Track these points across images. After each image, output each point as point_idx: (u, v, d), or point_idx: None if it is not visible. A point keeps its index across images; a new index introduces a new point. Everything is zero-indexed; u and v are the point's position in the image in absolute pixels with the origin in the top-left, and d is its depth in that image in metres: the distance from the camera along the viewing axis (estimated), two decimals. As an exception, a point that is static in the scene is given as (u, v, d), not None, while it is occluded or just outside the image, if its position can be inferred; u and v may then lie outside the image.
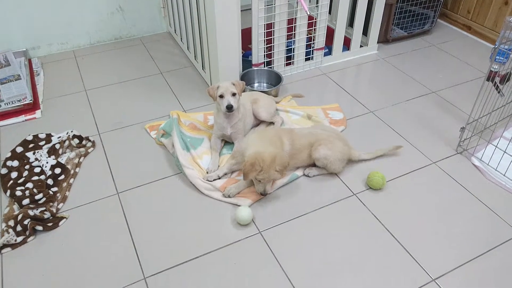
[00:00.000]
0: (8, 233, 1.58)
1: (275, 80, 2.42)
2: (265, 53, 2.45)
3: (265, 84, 2.47)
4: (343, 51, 2.73)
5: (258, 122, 2.14)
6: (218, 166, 1.90)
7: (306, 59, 2.62)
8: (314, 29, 2.52)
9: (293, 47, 2.50)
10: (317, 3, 2.46)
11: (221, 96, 1.85)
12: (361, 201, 1.77)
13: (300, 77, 2.58)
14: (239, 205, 1.72)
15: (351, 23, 2.72)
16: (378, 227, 1.65)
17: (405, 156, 1.99)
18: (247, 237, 1.62)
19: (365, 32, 2.75)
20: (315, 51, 2.61)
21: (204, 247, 1.57)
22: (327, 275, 1.48)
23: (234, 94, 1.86)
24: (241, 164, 1.72)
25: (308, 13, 2.34)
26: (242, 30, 2.20)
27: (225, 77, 2.26)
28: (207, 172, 1.87)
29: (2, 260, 1.53)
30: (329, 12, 2.64)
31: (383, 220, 1.68)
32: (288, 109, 2.25)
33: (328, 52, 2.71)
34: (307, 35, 2.49)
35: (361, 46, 2.79)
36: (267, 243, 1.59)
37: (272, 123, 2.15)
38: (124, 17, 2.92)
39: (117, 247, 1.57)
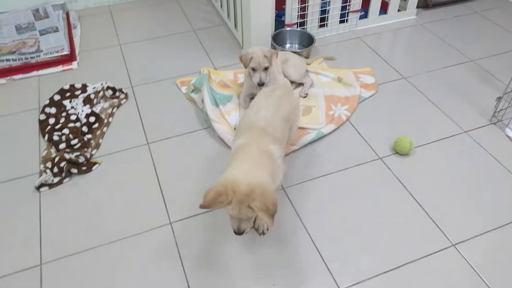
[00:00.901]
0: (46, 173, 1.67)
1: (307, 41, 2.38)
2: (299, 13, 2.40)
3: (296, 45, 2.44)
4: (379, 14, 2.65)
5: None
6: (246, 123, 1.93)
7: (341, 22, 2.56)
8: (351, -10, 2.45)
9: (327, 8, 2.44)
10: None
11: (253, 70, 1.85)
12: (386, 165, 1.76)
13: (333, 40, 2.54)
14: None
15: (390, -15, 2.62)
16: (401, 191, 1.65)
17: (435, 123, 1.95)
18: (271, 192, 1.65)
19: (405, -5, 2.65)
20: (350, 14, 2.54)
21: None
22: (346, 234, 1.51)
23: (266, 68, 1.85)
24: None
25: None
26: (276, -12, 2.16)
27: (256, 37, 2.25)
28: (234, 129, 1.90)
29: (40, 198, 1.63)
30: (368, -27, 2.55)
31: (407, 184, 1.67)
32: (318, 71, 2.23)
33: (364, 15, 2.63)
34: (343, -4, 2.42)
35: (399, 11, 2.69)
36: (289, 200, 1.63)
37: (301, 84, 2.14)
38: (159, -27, 2.91)
39: (145, 193, 1.65)
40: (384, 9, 2.66)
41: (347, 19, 2.57)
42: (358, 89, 2.10)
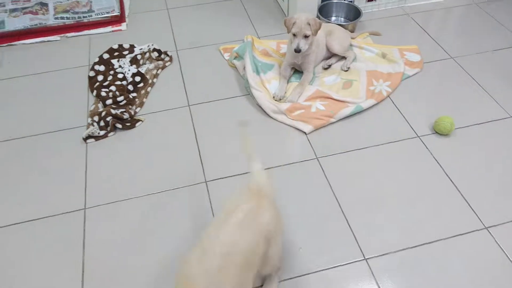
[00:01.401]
0: (93, 126, 1.77)
1: (354, 15, 2.34)
2: (347, -15, 2.36)
3: (342, 19, 2.40)
4: (432, -9, 2.55)
5: (331, 54, 2.12)
6: (285, 92, 1.95)
7: (390, -3, 2.49)
8: (404, -37, 2.36)
9: (378, -19, 2.38)
10: None
11: (294, 35, 1.85)
12: (424, 143, 1.74)
13: (381, 15, 2.47)
14: (299, 129, 1.78)
15: (446, -40, 2.50)
16: (436, 171, 1.64)
17: (481, 106, 1.89)
18: (304, 160, 1.68)
19: (461, -28, 2.53)
20: (401, -11, 2.46)
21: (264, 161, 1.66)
22: (376, 207, 1.52)
23: (307, 36, 1.83)
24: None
25: None
26: (327, -43, 2.12)
27: (302, 8, 2.23)
28: (273, 97, 1.92)
29: (87, 148, 1.74)
30: None
31: (444, 165, 1.65)
32: (362, 46, 2.19)
33: (415, -9, 2.54)
34: (395, -31, 2.35)
35: (453, -12, 2.57)
36: (322, 169, 1.65)
37: (344, 57, 2.12)
38: None
39: (184, 151, 1.72)
40: (437, -15, 2.56)
41: (397, -6, 2.49)
42: (402, 66, 2.06)
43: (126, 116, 1.83)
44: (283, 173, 1.63)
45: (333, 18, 2.40)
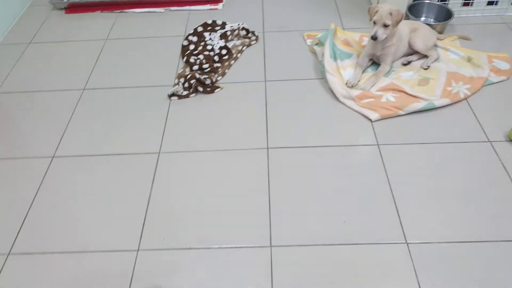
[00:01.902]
0: (178, 86, 1.99)
1: (445, 17, 2.29)
2: (443, -14, 2.32)
3: (432, 20, 2.37)
4: (538, 2, 2.40)
5: (412, 52, 2.11)
6: (359, 81, 1.99)
7: (489, 3, 2.39)
8: (509, -31, 2.26)
9: (477, -15, 2.31)
10: None
11: (374, 23, 1.89)
12: (494, 149, 1.68)
13: (476, 21, 2.39)
14: (366, 116, 1.82)
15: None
16: (502, 176, 1.58)
17: None
18: (365, 144, 1.73)
19: None
20: (502, -4, 2.36)
21: (323, 140, 1.74)
22: (429, 200, 1.52)
23: (386, 26, 1.86)
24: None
25: None
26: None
27: (391, 4, 2.25)
28: (346, 83, 1.98)
29: (169, 104, 1.96)
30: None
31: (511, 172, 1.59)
32: (448, 47, 2.15)
33: (519, 0, 2.41)
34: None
35: None
36: (381, 157, 1.68)
37: (426, 57, 2.10)
38: None
39: (253, 119, 1.85)
40: (545, -4, 2.40)
41: (496, 1, 2.39)
42: (487, 71, 1.99)
43: (208, 82, 2.01)
44: (343, 152, 1.69)
45: (423, 19, 2.38)
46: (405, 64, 2.09)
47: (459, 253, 1.36)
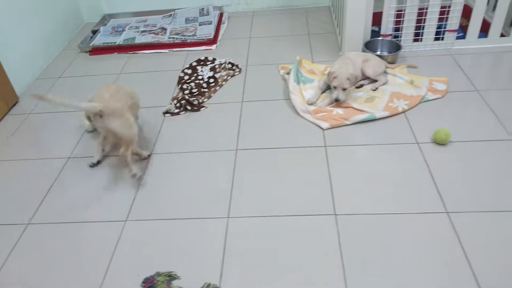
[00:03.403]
0: (171, 105, 2.48)
1: (396, 50, 2.75)
2: (394, 26, 2.80)
3: (386, 52, 2.83)
4: (479, 37, 2.83)
5: (365, 77, 2.56)
6: (317, 99, 2.44)
7: (436, 39, 2.84)
8: (448, 10, 2.72)
9: (422, 24, 2.76)
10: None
11: (334, 87, 2.34)
12: (420, 149, 2.06)
13: (426, 54, 2.82)
14: (319, 125, 2.25)
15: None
16: (423, 168, 1.95)
17: (485, 126, 2.14)
18: (315, 146, 2.14)
19: None
20: (446, 33, 2.81)
21: (283, 143, 2.17)
22: (364, 185, 1.89)
23: (345, 89, 2.32)
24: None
25: (436, -7, 2.59)
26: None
27: (350, 43, 2.77)
28: (307, 101, 2.43)
29: (163, 120, 2.44)
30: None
31: (435, 174, 1.91)
32: (396, 74, 2.59)
33: (463, 36, 2.85)
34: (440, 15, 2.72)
35: (502, 36, 2.82)
36: (327, 158, 2.07)
37: (375, 80, 2.54)
38: (296, -11, 3.62)
39: (228, 129, 2.31)
40: (485, 32, 2.83)
41: (443, 37, 2.84)
42: (425, 91, 2.40)
43: (195, 102, 2.50)
44: (298, 152, 2.11)
45: (378, 52, 2.84)
46: (358, 87, 2.53)
47: (377, 222, 1.72)
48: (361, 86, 2.54)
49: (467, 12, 2.80)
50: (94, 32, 3.54)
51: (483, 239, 1.61)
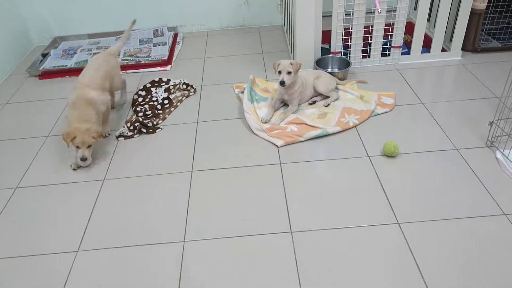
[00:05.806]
0: (124, 128, 2.44)
1: (346, 67, 2.85)
2: (343, 44, 2.90)
3: (336, 69, 2.92)
4: (422, 53, 2.99)
5: (317, 94, 2.63)
6: (271, 117, 2.47)
7: (383, 55, 2.97)
8: (392, 28, 2.86)
9: (369, 41, 2.89)
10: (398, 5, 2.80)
11: (279, 72, 2.41)
12: (371, 162, 2.13)
13: (374, 69, 2.95)
14: (274, 143, 2.27)
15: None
16: (375, 181, 2.01)
17: (432, 138, 2.24)
18: (271, 164, 2.16)
19: (452, 38, 2.95)
20: (392, 49, 2.94)
21: (238, 163, 2.17)
22: (317, 201, 1.93)
23: (289, 73, 2.39)
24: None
25: (379, 11, 2.72)
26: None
27: (302, 61, 2.82)
28: (261, 120, 2.46)
29: (117, 144, 2.39)
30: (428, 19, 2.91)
31: (386, 186, 1.98)
32: (347, 90, 2.68)
33: (407, 52, 3.00)
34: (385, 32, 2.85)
35: (443, 51, 2.99)
36: (282, 175, 2.09)
37: (328, 97, 2.61)
38: (249, 10, 3.69)
39: (182, 150, 2.29)
40: (428, 47, 2.99)
41: (389, 53, 2.97)
42: (374, 105, 2.50)
43: (150, 124, 2.47)
44: (253, 170, 2.12)
45: (329, 69, 2.94)
46: (311, 104, 2.60)
47: (331, 237, 1.75)
48: (314, 102, 2.60)
49: (411, 29, 2.95)
50: (44, 55, 3.44)
51: (433, 247, 1.67)
